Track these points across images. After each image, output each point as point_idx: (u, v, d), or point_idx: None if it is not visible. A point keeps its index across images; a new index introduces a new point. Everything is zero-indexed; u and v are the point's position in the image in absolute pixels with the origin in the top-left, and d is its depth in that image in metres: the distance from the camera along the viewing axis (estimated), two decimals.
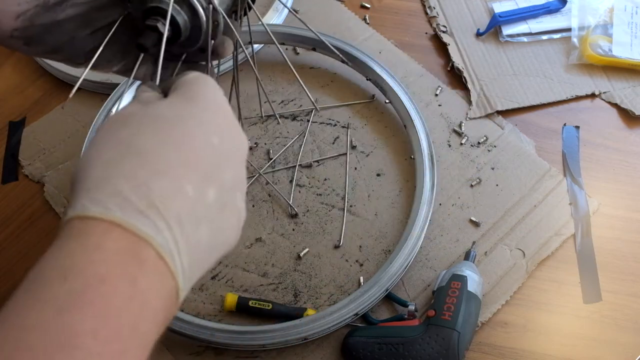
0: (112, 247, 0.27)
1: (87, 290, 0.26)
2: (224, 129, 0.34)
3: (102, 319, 0.25)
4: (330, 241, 0.69)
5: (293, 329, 0.61)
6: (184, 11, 0.42)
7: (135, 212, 0.28)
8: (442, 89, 0.79)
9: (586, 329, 0.65)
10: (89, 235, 0.27)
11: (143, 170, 0.29)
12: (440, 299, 0.62)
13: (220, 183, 0.32)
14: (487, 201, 0.71)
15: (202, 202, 0.31)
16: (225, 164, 0.33)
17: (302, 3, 0.86)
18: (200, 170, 0.31)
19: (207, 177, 0.31)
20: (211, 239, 0.31)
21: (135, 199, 0.28)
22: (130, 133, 0.31)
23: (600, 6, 0.85)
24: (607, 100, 0.79)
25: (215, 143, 0.33)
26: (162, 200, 0.29)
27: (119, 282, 0.26)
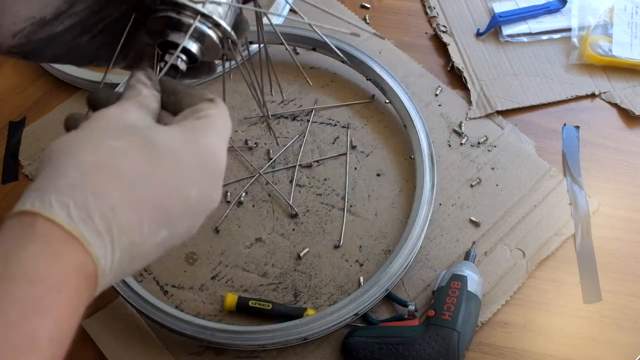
0: (70, 258, 0.28)
1: (47, 297, 0.27)
2: (206, 186, 0.34)
3: (56, 325, 0.27)
4: (330, 241, 0.69)
5: (293, 329, 0.61)
6: (199, 41, 0.42)
7: (94, 233, 0.29)
8: (442, 89, 0.79)
9: (586, 329, 0.65)
10: (51, 242, 0.28)
11: (117, 194, 0.30)
12: (440, 299, 0.62)
13: (174, 231, 0.33)
14: (487, 201, 0.71)
15: (150, 241, 0.32)
16: (188, 217, 0.34)
17: (302, 3, 0.86)
18: (164, 215, 0.32)
19: (166, 222, 0.32)
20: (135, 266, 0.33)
21: (99, 220, 0.29)
22: (121, 149, 0.31)
23: (600, 6, 0.84)
24: (607, 100, 0.79)
25: (192, 197, 0.33)
26: (120, 229, 0.30)
27: (71, 292, 0.28)
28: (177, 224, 0.33)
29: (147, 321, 0.64)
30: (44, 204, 0.29)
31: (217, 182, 0.35)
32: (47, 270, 0.28)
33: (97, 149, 0.31)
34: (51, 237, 0.28)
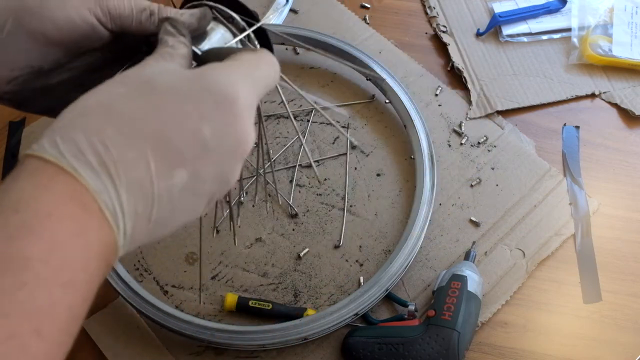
0: (60, 190, 0.28)
1: (35, 222, 0.27)
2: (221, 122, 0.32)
3: (50, 247, 0.27)
4: (330, 241, 0.69)
5: (293, 329, 0.61)
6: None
7: (86, 166, 0.29)
8: (442, 89, 0.79)
9: (586, 329, 0.65)
10: (40, 176, 0.28)
11: (109, 130, 0.29)
12: (440, 299, 0.62)
13: (196, 172, 0.32)
14: (487, 201, 0.71)
15: (165, 183, 0.31)
16: (208, 157, 0.32)
17: (302, 3, 0.86)
18: (175, 153, 0.31)
19: (180, 161, 0.31)
20: (167, 219, 0.32)
21: (90, 154, 0.29)
22: (122, 93, 0.31)
23: (600, 6, 0.84)
24: (607, 100, 0.79)
25: (205, 134, 0.31)
26: (115, 164, 0.29)
27: (65, 218, 0.28)
28: (196, 164, 0.31)
29: (147, 321, 0.64)
30: (38, 146, 0.29)
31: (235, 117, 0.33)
32: (34, 199, 0.28)
33: (97, 95, 0.31)
34: (40, 171, 0.29)
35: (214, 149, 0.32)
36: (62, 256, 0.27)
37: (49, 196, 0.28)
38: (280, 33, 0.57)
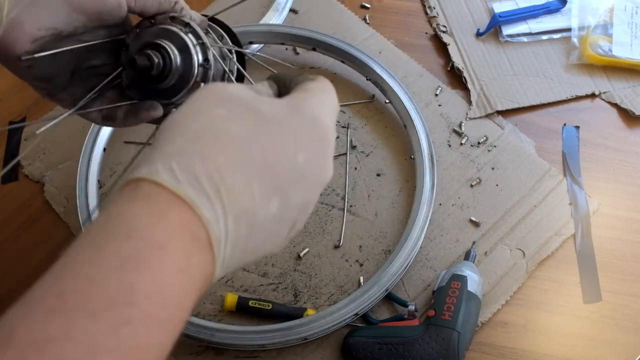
0: (175, 219, 0.28)
1: (147, 253, 0.27)
2: (315, 153, 0.33)
3: (156, 283, 0.27)
4: (330, 241, 0.69)
5: (293, 329, 0.61)
6: (180, 57, 0.43)
7: (202, 195, 0.28)
8: (442, 89, 0.79)
9: (586, 329, 0.65)
10: (156, 202, 0.28)
11: (223, 157, 0.30)
12: (440, 299, 0.62)
13: (287, 200, 0.32)
14: (487, 201, 0.71)
15: (263, 211, 0.31)
16: (299, 185, 0.33)
17: (302, 3, 0.86)
18: (274, 181, 0.31)
19: (277, 189, 0.31)
20: (258, 246, 0.32)
21: (206, 182, 0.29)
22: (226, 115, 0.31)
23: (600, 6, 0.84)
24: (607, 100, 0.79)
25: (300, 162, 0.32)
26: (229, 193, 0.29)
27: (176, 252, 0.27)
28: (288, 192, 0.32)
29: None
30: (150, 170, 0.29)
31: (326, 149, 0.34)
32: (148, 228, 0.27)
33: (201, 117, 0.31)
34: (155, 198, 0.28)
35: (306, 177, 0.33)
36: (166, 292, 0.27)
37: (163, 226, 0.28)
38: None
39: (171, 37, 0.43)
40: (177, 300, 0.28)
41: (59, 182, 0.73)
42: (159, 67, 0.43)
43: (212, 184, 0.29)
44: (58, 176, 0.74)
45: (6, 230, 0.71)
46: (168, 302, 0.27)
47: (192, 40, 0.44)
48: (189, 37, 0.44)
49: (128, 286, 0.26)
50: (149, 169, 0.29)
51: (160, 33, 0.44)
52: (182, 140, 0.30)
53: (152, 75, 0.43)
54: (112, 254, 0.27)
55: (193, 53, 0.43)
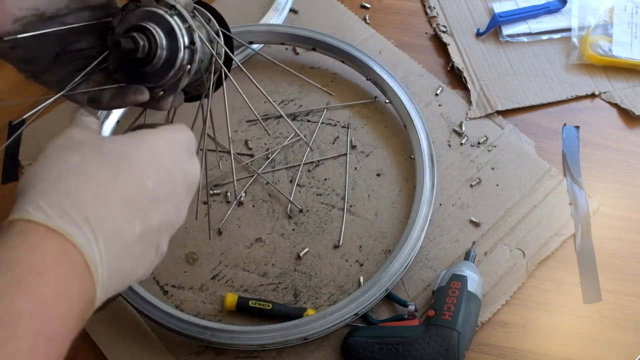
0: (49, 248, 0.31)
1: (27, 280, 0.29)
2: (160, 176, 0.38)
3: (39, 304, 0.29)
4: (330, 241, 0.69)
5: (293, 329, 0.61)
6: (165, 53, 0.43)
7: (72, 224, 0.32)
8: (442, 89, 0.79)
9: (586, 329, 0.65)
10: (30, 236, 0.31)
11: (84, 192, 0.33)
12: (440, 299, 0.62)
13: (148, 222, 0.36)
14: (487, 201, 0.71)
15: (129, 232, 0.35)
16: (155, 207, 0.37)
17: (302, 3, 0.86)
18: (133, 205, 0.35)
19: (137, 212, 0.36)
20: (129, 267, 0.36)
21: (74, 213, 0.32)
22: (78, 160, 0.35)
23: (600, 6, 0.85)
24: (607, 100, 0.79)
25: (149, 186, 0.37)
26: (95, 219, 0.33)
27: (54, 277, 0.30)
28: (147, 214, 0.36)
29: (147, 321, 0.64)
30: (21, 211, 0.32)
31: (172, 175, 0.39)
32: (25, 258, 0.30)
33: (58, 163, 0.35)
34: (29, 232, 0.31)
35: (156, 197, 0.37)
36: (47, 313, 0.30)
37: (39, 255, 0.30)
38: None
39: (157, 19, 0.43)
40: (60, 318, 0.30)
41: None
42: (144, 49, 0.42)
43: (79, 214, 0.32)
44: None
45: None
46: (50, 320, 0.30)
47: (178, 22, 0.43)
48: (175, 19, 0.43)
49: (12, 309, 0.28)
50: (20, 210, 0.32)
51: (146, 15, 0.44)
52: (46, 184, 0.33)
53: (137, 58, 0.43)
54: None
55: (179, 35, 0.43)
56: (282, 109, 0.78)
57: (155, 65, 0.43)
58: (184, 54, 0.43)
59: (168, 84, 0.45)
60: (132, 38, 0.42)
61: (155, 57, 0.43)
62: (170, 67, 0.44)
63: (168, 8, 0.44)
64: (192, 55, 0.44)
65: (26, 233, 0.31)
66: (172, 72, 0.44)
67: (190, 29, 0.44)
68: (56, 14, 0.43)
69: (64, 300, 0.30)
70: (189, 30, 0.44)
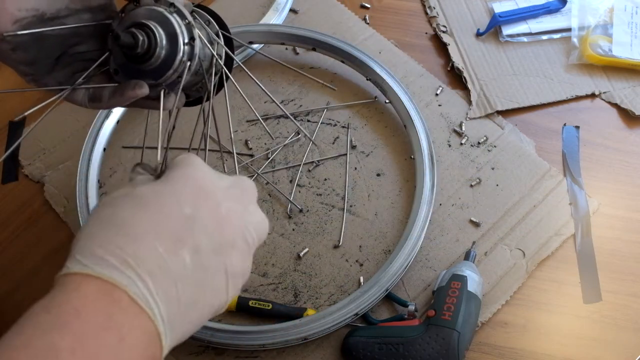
0: (88, 289, 0.31)
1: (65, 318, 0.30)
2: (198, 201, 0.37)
3: (79, 339, 0.29)
4: (330, 241, 0.69)
5: (293, 329, 0.61)
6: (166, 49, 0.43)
7: (110, 267, 0.32)
8: (442, 89, 0.79)
9: (586, 329, 0.65)
10: (69, 283, 0.32)
11: (118, 238, 0.34)
12: (440, 299, 0.62)
13: (195, 247, 0.36)
14: (487, 201, 0.71)
15: (176, 262, 0.34)
16: (198, 232, 0.36)
17: (302, 3, 0.86)
18: (171, 235, 0.35)
19: (179, 240, 0.35)
20: (193, 297, 0.35)
21: (110, 258, 0.33)
22: (112, 211, 0.36)
23: (600, 6, 0.85)
24: (607, 100, 0.79)
25: (187, 213, 0.36)
26: (134, 258, 0.33)
27: (94, 313, 0.31)
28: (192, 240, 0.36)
29: None
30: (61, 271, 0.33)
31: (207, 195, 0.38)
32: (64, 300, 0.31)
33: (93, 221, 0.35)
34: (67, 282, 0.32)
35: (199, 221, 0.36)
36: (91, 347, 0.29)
37: (77, 296, 0.31)
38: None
39: (156, 16, 0.43)
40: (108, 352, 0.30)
41: (59, 182, 0.73)
42: (143, 45, 0.42)
43: (116, 257, 0.33)
44: (58, 176, 0.74)
45: (6, 230, 0.71)
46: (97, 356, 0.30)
47: (177, 19, 0.43)
48: (174, 16, 0.43)
49: (50, 345, 0.29)
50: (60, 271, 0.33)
51: (145, 14, 0.44)
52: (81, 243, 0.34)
53: (137, 54, 0.43)
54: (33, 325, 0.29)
55: (178, 32, 0.43)
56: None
57: (155, 61, 0.43)
58: (184, 50, 0.43)
59: (169, 81, 0.44)
60: (131, 33, 0.42)
61: (155, 54, 0.43)
62: (170, 63, 0.44)
63: (167, 6, 0.44)
64: (192, 51, 0.44)
65: (65, 283, 0.32)
66: (172, 68, 0.44)
67: (189, 25, 0.44)
68: (56, 15, 0.43)
69: (111, 335, 0.30)
70: (188, 27, 0.44)
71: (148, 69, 0.44)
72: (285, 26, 0.80)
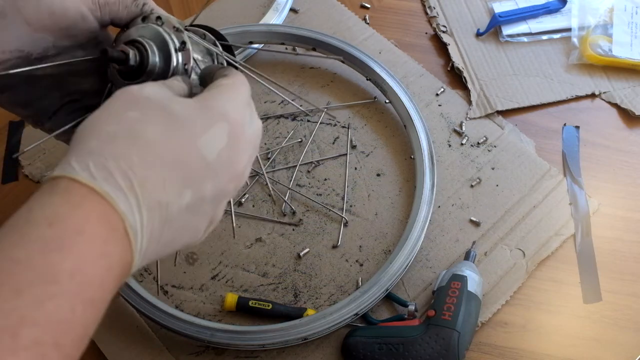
0: (92, 209, 0.30)
1: (68, 237, 0.29)
2: (223, 147, 0.36)
3: (79, 265, 0.29)
4: (330, 241, 0.69)
5: (293, 329, 0.61)
6: (159, 57, 0.43)
7: (117, 189, 0.31)
8: (444, 89, 0.79)
9: (586, 329, 0.65)
10: (73, 195, 0.30)
11: (135, 156, 0.32)
12: (440, 299, 0.62)
13: (199, 192, 0.35)
14: (487, 201, 0.71)
15: (177, 203, 0.33)
16: (210, 178, 0.35)
17: (302, 3, 0.86)
18: (185, 174, 0.34)
19: (188, 182, 0.34)
20: (173, 237, 0.34)
21: (120, 178, 0.31)
22: (139, 117, 0.34)
23: (600, 6, 0.85)
24: (607, 100, 0.79)
25: (209, 158, 0.35)
26: (142, 187, 0.32)
27: (95, 238, 0.30)
28: (200, 184, 0.34)
29: (147, 321, 0.64)
30: (66, 169, 0.31)
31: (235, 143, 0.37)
32: (67, 215, 0.29)
33: (115, 119, 0.33)
34: (73, 192, 0.30)
35: (215, 169, 0.35)
36: (87, 274, 0.29)
37: (81, 214, 0.30)
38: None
39: (144, 31, 0.43)
40: (99, 282, 0.30)
41: None
42: (135, 57, 0.42)
43: (125, 179, 0.31)
44: None
45: None
46: (90, 283, 0.29)
47: (165, 28, 0.43)
48: (163, 27, 0.43)
49: (51, 266, 0.28)
50: (65, 167, 0.31)
51: (134, 32, 0.43)
52: (97, 142, 0.32)
53: (132, 68, 0.42)
54: (35, 239, 0.28)
55: (167, 38, 0.43)
56: (282, 109, 0.78)
57: (151, 73, 0.43)
58: (177, 55, 0.43)
59: None
60: (121, 49, 0.42)
61: (149, 64, 0.42)
62: (166, 70, 0.43)
63: (154, 21, 0.44)
64: (187, 55, 0.43)
65: (69, 192, 0.30)
66: (169, 74, 0.43)
67: (179, 31, 0.43)
68: (44, 55, 0.42)
69: (103, 263, 0.30)
70: (178, 34, 0.43)
71: None
72: (285, 26, 0.80)
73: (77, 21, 0.42)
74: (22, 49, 0.40)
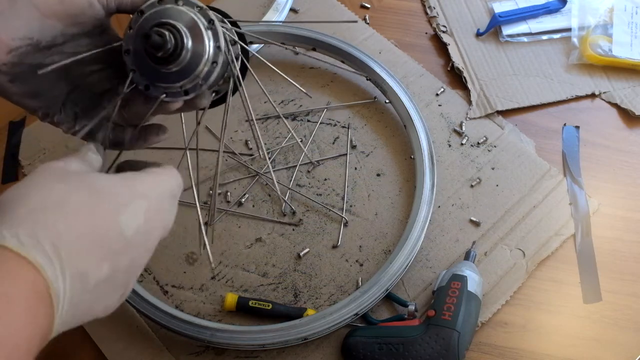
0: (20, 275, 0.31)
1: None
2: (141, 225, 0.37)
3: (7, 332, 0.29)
4: (330, 241, 0.69)
5: (293, 329, 0.61)
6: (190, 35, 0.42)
7: (45, 257, 0.32)
8: (444, 89, 0.79)
9: (586, 329, 0.65)
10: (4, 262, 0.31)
11: (62, 225, 0.33)
12: (440, 299, 0.62)
13: (116, 265, 0.36)
14: (487, 201, 0.71)
15: (96, 274, 0.34)
16: (127, 252, 0.36)
17: (302, 3, 0.86)
18: (106, 247, 0.35)
19: (108, 255, 0.35)
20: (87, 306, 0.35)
21: (48, 246, 0.32)
22: (67, 189, 0.35)
23: (600, 6, 0.84)
24: (607, 100, 0.79)
25: (127, 234, 0.36)
26: (67, 255, 0.32)
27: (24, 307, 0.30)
28: (117, 257, 0.36)
29: (147, 321, 0.64)
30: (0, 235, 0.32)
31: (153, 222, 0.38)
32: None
33: (42, 191, 0.35)
34: (3, 258, 0.31)
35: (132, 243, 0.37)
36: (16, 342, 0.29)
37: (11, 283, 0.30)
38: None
39: (177, 15, 0.41)
40: (26, 348, 0.30)
41: None
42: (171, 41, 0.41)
43: (53, 248, 0.32)
44: None
45: None
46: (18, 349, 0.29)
47: (201, 18, 0.41)
48: (198, 16, 0.41)
49: None
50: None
51: (164, 13, 0.41)
52: (26, 211, 0.33)
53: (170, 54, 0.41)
54: None
55: (196, 19, 0.41)
56: (282, 109, 0.78)
57: (180, 63, 0.42)
58: (208, 34, 0.42)
59: (190, 85, 0.43)
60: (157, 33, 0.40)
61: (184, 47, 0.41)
62: (194, 65, 0.42)
63: (173, 2, 0.42)
64: (216, 34, 0.42)
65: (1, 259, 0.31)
66: (197, 70, 0.42)
67: (212, 23, 0.42)
68: (53, 43, 0.42)
69: (30, 329, 0.30)
70: (212, 26, 0.42)
71: (168, 71, 0.42)
72: (285, 26, 0.80)
73: (85, 8, 0.42)
74: (31, 37, 0.40)
